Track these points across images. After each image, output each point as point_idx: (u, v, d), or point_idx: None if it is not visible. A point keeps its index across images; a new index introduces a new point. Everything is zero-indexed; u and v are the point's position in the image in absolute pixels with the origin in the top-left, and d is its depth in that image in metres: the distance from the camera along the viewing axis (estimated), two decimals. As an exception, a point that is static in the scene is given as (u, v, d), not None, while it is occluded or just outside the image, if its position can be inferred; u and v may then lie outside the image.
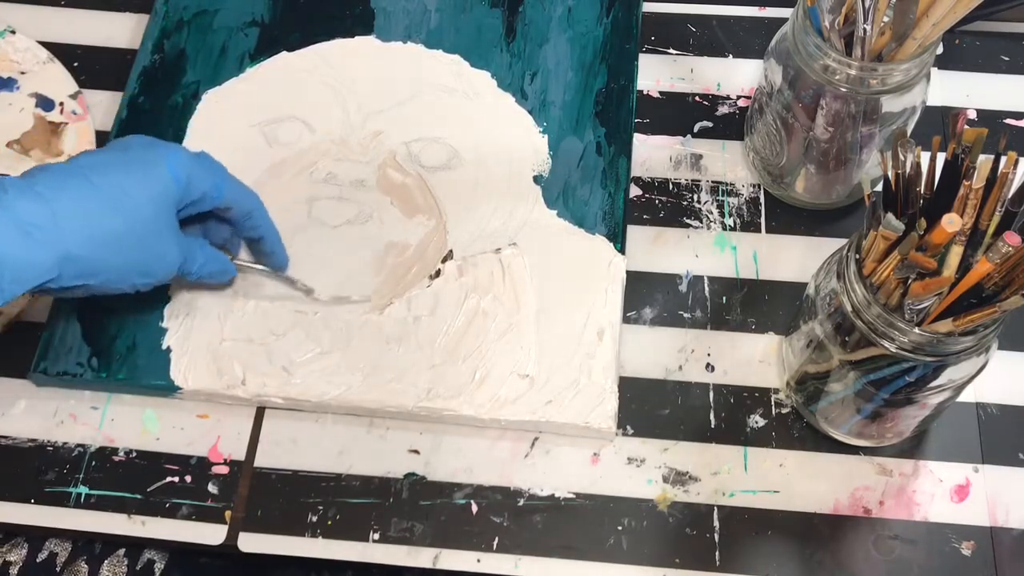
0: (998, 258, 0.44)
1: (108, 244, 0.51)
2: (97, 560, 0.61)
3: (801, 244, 0.66)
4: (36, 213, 0.48)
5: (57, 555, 0.61)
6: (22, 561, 0.61)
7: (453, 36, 0.72)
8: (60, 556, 0.61)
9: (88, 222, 0.50)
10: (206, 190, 0.55)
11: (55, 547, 0.62)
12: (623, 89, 0.70)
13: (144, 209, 0.52)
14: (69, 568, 0.61)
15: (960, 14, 0.52)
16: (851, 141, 0.60)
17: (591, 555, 0.57)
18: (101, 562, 0.61)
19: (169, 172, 0.53)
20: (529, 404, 0.59)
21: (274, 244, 0.61)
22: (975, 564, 0.56)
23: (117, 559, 0.61)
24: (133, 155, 0.53)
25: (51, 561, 0.61)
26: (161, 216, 0.53)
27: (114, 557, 0.61)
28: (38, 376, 0.61)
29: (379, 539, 0.57)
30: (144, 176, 0.52)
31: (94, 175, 0.51)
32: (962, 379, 0.51)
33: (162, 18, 0.72)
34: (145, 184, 0.52)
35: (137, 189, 0.52)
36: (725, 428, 0.60)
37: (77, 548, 0.62)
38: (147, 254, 0.53)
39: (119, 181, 0.51)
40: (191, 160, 0.54)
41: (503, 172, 0.66)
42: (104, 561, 0.61)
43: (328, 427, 0.60)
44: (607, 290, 0.62)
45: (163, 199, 0.53)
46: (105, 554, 0.61)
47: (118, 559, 0.61)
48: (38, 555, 0.61)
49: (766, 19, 0.74)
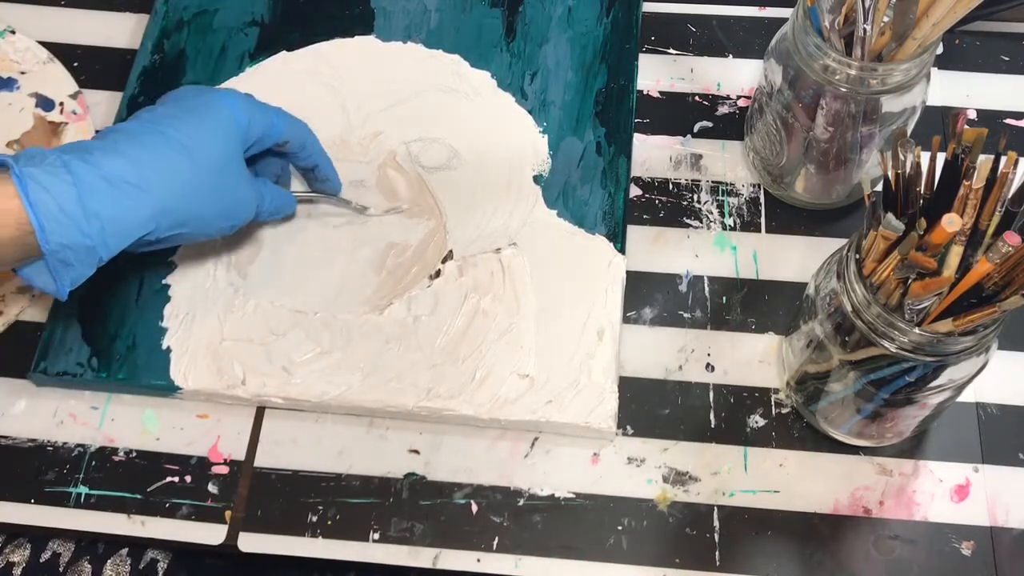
0: (998, 258, 0.44)
1: (193, 194, 0.52)
2: (100, 560, 0.61)
3: (801, 244, 0.66)
4: (125, 170, 0.50)
5: (60, 555, 0.61)
6: (25, 562, 0.61)
7: (453, 36, 0.72)
8: (63, 556, 0.61)
9: (172, 174, 0.51)
10: (265, 128, 0.56)
11: (58, 547, 0.62)
12: (623, 89, 0.70)
13: (219, 155, 0.53)
14: (72, 568, 0.61)
15: (960, 14, 0.52)
16: (851, 141, 0.60)
17: (591, 555, 0.57)
18: (104, 562, 0.61)
19: (231, 116, 0.54)
20: (529, 404, 0.59)
21: (328, 170, 0.63)
22: (975, 564, 0.56)
23: (120, 559, 0.61)
24: (194, 105, 0.54)
25: (54, 561, 0.61)
26: (233, 160, 0.54)
27: (117, 557, 0.61)
28: (38, 376, 0.61)
29: (379, 539, 0.57)
30: (212, 123, 0.54)
31: (167, 128, 0.52)
32: (962, 379, 0.51)
33: (162, 18, 0.72)
34: (215, 131, 0.53)
35: (209, 137, 0.53)
36: (725, 428, 0.60)
37: (80, 548, 0.62)
38: (228, 199, 0.55)
39: (191, 131, 0.53)
40: (246, 102, 0.56)
41: (503, 172, 0.66)
42: (107, 561, 0.61)
43: (328, 427, 0.60)
44: (607, 290, 0.62)
45: (232, 143, 0.54)
46: (108, 554, 0.61)
47: (121, 559, 0.61)
48: (41, 555, 0.61)
49: (766, 19, 0.74)
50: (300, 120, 0.60)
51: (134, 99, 0.69)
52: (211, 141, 0.53)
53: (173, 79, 0.70)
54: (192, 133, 0.53)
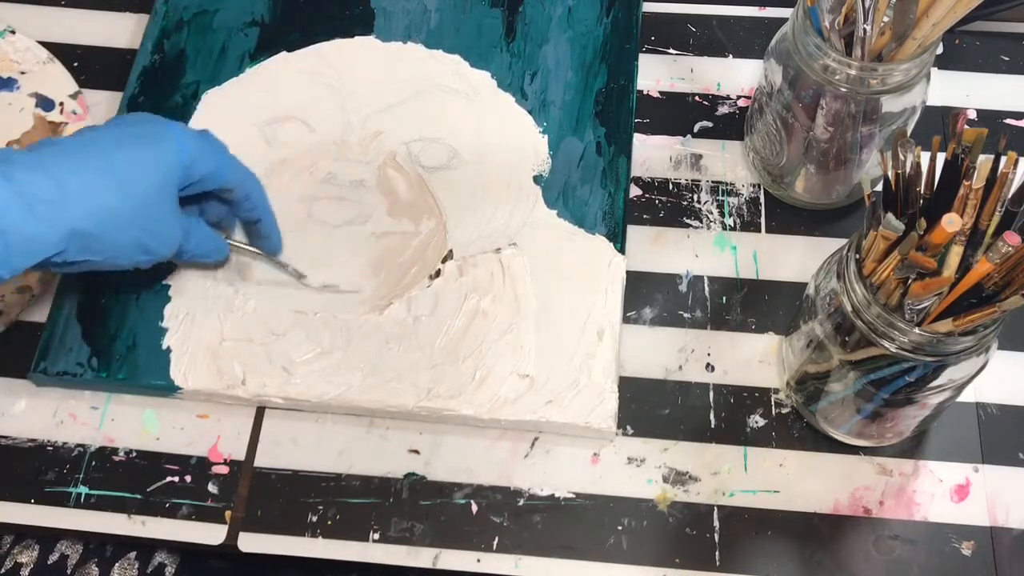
0: (998, 258, 0.44)
1: (113, 221, 0.51)
2: (107, 563, 0.61)
3: (801, 244, 0.66)
4: (43, 188, 0.48)
5: (68, 557, 0.61)
6: (33, 563, 0.61)
7: (453, 36, 0.72)
8: (71, 558, 0.61)
9: (95, 199, 0.50)
10: (209, 171, 0.55)
11: (66, 549, 0.62)
12: (623, 89, 0.70)
13: (150, 188, 0.52)
14: (80, 570, 0.61)
15: (960, 14, 0.52)
16: (851, 141, 0.60)
17: (591, 555, 0.57)
18: (112, 565, 0.61)
19: (175, 152, 0.53)
20: (529, 404, 0.59)
21: (270, 228, 0.61)
22: (975, 564, 0.56)
23: (128, 562, 0.61)
24: (140, 132, 0.53)
25: (62, 563, 0.61)
26: (164, 195, 0.53)
27: (125, 560, 0.61)
28: (38, 376, 0.61)
29: (379, 539, 0.57)
30: (151, 155, 0.52)
31: (102, 152, 0.51)
32: (962, 379, 0.51)
33: (162, 18, 0.72)
34: (152, 163, 0.52)
35: (144, 168, 0.52)
36: (725, 428, 0.60)
37: (88, 551, 0.62)
38: (150, 232, 0.53)
39: (127, 159, 0.51)
40: (196, 140, 0.54)
41: (503, 172, 0.66)
42: (115, 564, 0.61)
43: (328, 427, 0.60)
44: (607, 290, 0.62)
45: (168, 178, 0.53)
46: (116, 556, 0.61)
47: (129, 562, 0.61)
48: (49, 557, 0.61)
49: (766, 19, 0.74)
50: (251, 173, 0.58)
51: (134, 99, 0.69)
52: (145, 172, 0.52)
53: (173, 79, 0.70)
54: (127, 160, 0.51)
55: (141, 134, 0.53)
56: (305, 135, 0.68)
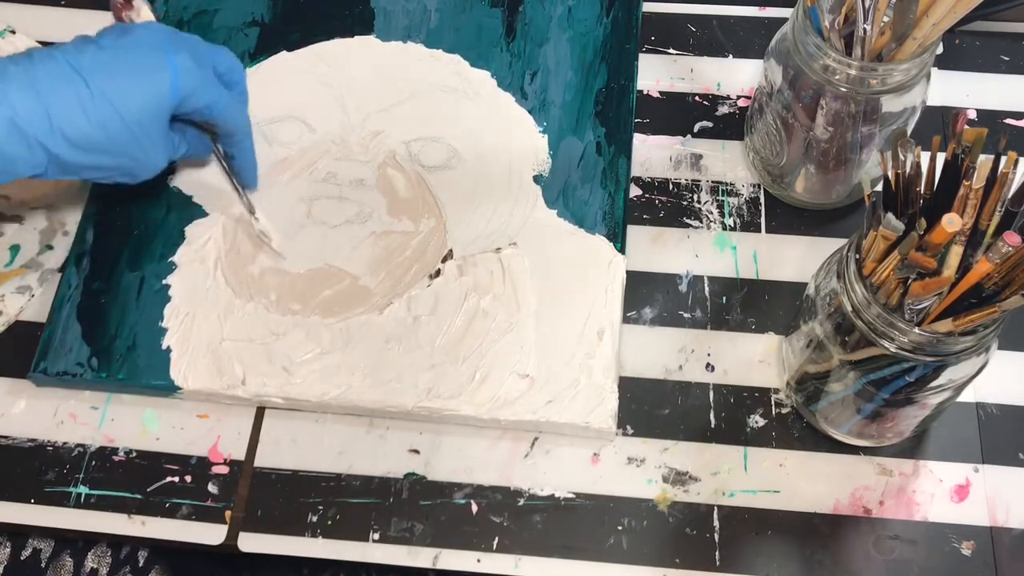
0: (998, 258, 0.44)
1: (98, 148, 0.52)
2: (80, 553, 0.61)
3: (801, 244, 0.66)
4: (33, 112, 0.49)
5: (41, 551, 0.61)
6: (7, 560, 0.61)
7: (453, 36, 0.72)
8: (44, 552, 0.61)
9: (81, 127, 0.51)
10: (200, 107, 0.55)
11: (38, 543, 0.62)
12: (623, 89, 0.70)
13: (138, 119, 0.52)
14: (53, 564, 0.61)
15: (960, 14, 0.52)
16: (851, 141, 0.60)
17: (591, 555, 0.57)
18: (84, 555, 0.61)
19: (168, 88, 0.53)
20: (529, 404, 0.59)
21: (242, 165, 0.62)
22: (975, 564, 0.56)
23: (100, 549, 0.61)
24: (135, 63, 0.53)
25: (35, 557, 0.61)
26: (154, 125, 0.53)
27: (97, 548, 0.61)
28: (38, 376, 0.61)
29: (379, 539, 0.57)
30: (145, 87, 0.52)
31: (95, 78, 0.51)
32: (962, 379, 0.51)
33: (162, 18, 0.72)
34: (144, 95, 0.52)
35: (135, 99, 0.52)
36: (725, 428, 0.60)
37: (60, 543, 0.62)
38: (134, 159, 0.54)
39: (119, 88, 0.51)
40: (192, 75, 0.54)
41: (503, 172, 0.66)
42: (88, 554, 0.61)
43: (328, 427, 0.60)
44: (607, 290, 0.62)
45: (158, 109, 0.53)
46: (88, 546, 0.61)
47: (101, 549, 0.61)
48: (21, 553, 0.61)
49: (766, 19, 0.74)
50: (245, 115, 0.59)
51: (134, 99, 0.69)
52: (135, 104, 0.52)
53: (173, 79, 0.70)
54: (119, 91, 0.51)
55: (136, 65, 0.52)
56: (305, 134, 0.68)
